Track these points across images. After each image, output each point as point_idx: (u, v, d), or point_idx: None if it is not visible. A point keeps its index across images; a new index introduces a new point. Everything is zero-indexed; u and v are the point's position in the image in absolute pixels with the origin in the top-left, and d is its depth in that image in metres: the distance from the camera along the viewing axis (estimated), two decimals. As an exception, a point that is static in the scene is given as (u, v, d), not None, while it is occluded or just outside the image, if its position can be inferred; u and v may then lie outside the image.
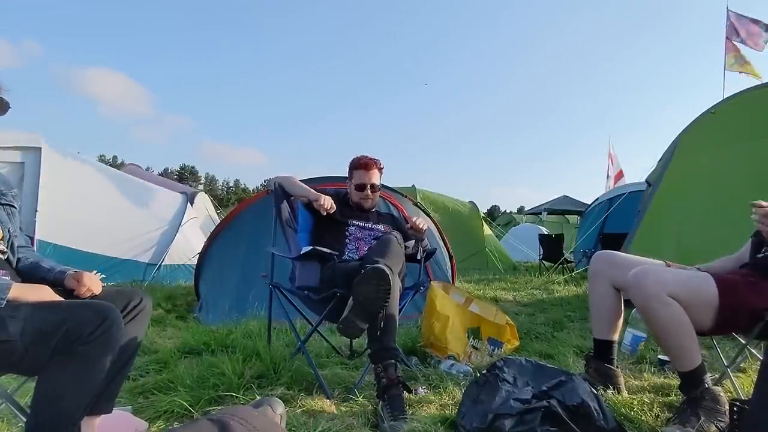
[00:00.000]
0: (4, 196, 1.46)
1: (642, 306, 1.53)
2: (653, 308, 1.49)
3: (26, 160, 4.90)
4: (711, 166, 3.92)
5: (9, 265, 1.39)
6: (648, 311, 1.51)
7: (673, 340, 1.51)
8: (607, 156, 13.16)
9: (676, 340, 1.51)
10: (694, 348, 1.51)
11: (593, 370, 1.91)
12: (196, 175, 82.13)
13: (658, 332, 1.54)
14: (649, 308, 1.50)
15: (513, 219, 21.03)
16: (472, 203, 10.04)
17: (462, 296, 2.81)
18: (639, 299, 1.53)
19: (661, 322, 1.49)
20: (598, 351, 1.93)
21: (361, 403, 1.82)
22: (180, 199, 6.51)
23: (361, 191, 2.43)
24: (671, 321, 1.48)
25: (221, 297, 3.72)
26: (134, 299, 1.40)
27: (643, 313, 1.55)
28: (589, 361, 1.95)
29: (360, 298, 1.72)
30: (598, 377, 1.87)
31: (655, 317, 1.50)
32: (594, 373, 1.90)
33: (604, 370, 1.89)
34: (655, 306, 1.48)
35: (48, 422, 1.12)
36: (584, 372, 1.95)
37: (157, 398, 1.79)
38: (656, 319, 1.50)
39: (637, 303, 1.55)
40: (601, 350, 1.92)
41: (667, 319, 1.48)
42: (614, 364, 1.91)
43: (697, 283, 1.52)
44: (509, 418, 1.38)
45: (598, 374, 1.89)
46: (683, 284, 1.50)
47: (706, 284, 1.52)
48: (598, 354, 1.93)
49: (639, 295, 1.53)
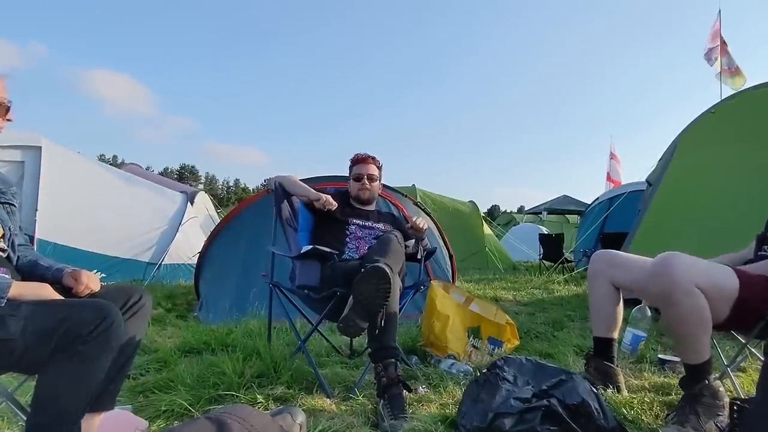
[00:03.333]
0: (4, 195, 1.45)
1: (665, 293, 1.45)
2: (677, 297, 1.43)
3: (26, 158, 4.90)
4: (711, 166, 3.93)
5: (9, 263, 1.39)
6: (671, 299, 1.45)
7: (691, 332, 1.47)
8: (608, 156, 13.15)
9: (693, 331, 1.47)
10: (708, 342, 1.49)
11: (593, 369, 1.91)
12: (196, 174, 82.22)
13: (676, 321, 1.48)
14: (673, 296, 1.44)
15: (513, 218, 21.01)
16: (472, 203, 10.04)
17: (462, 296, 2.81)
18: (663, 286, 1.45)
19: (684, 313, 1.44)
20: (598, 349, 1.93)
21: (361, 402, 1.82)
22: (180, 199, 6.51)
23: (358, 182, 2.46)
24: (695, 313, 1.43)
25: (221, 296, 3.73)
26: (134, 296, 1.40)
27: (663, 299, 1.48)
28: (589, 360, 1.95)
29: (360, 297, 1.72)
30: (598, 376, 1.87)
31: (679, 309, 1.44)
32: (594, 371, 1.90)
33: (604, 368, 1.88)
34: (680, 295, 1.42)
35: (48, 421, 1.12)
36: (584, 371, 1.95)
37: (158, 397, 1.79)
38: (679, 309, 1.45)
39: (660, 289, 1.47)
40: (601, 348, 1.92)
41: (690, 310, 1.43)
42: (614, 362, 1.91)
43: (720, 275, 1.49)
44: (509, 417, 1.38)
45: (598, 372, 1.89)
46: (711, 276, 1.46)
47: (728, 277, 1.48)
48: (598, 352, 1.93)
49: (664, 282, 1.45)
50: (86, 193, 5.39)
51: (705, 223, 3.65)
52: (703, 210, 3.77)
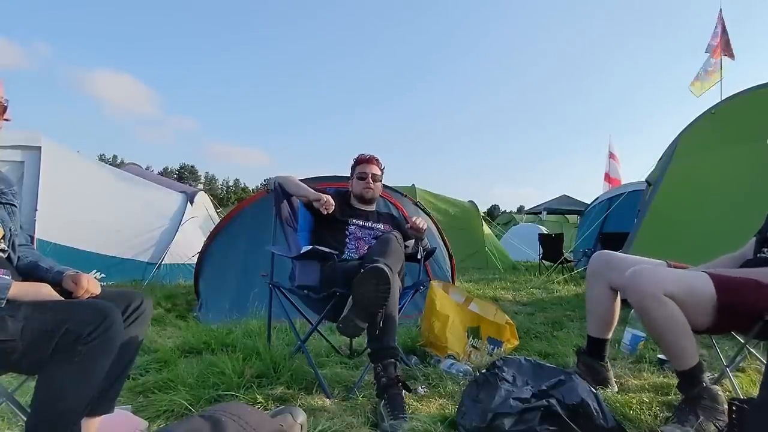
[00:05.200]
0: (5, 195, 1.45)
1: (638, 305, 1.54)
2: (649, 307, 1.50)
3: (26, 158, 4.89)
4: (711, 166, 3.93)
5: (10, 263, 1.39)
6: (644, 310, 1.52)
7: (670, 339, 1.52)
8: (607, 156, 13.12)
9: (672, 338, 1.51)
10: (691, 347, 1.51)
11: (582, 365, 1.96)
12: (195, 174, 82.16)
13: (654, 331, 1.54)
14: (645, 307, 1.51)
15: (513, 218, 20.99)
16: (471, 202, 10.04)
17: (462, 295, 2.81)
18: (635, 298, 1.54)
19: (657, 321, 1.50)
20: (590, 347, 1.97)
21: (360, 402, 1.83)
22: (180, 198, 6.51)
23: (362, 180, 2.46)
24: (667, 320, 1.48)
25: (221, 296, 3.73)
26: (134, 301, 1.39)
27: (639, 312, 1.56)
28: (580, 356, 1.99)
29: (360, 298, 1.73)
30: (587, 372, 1.91)
31: (651, 316, 1.51)
32: (583, 367, 1.94)
33: (592, 364, 1.93)
34: (651, 305, 1.49)
35: (48, 421, 1.12)
36: (575, 366, 1.99)
37: (157, 397, 1.79)
38: (652, 319, 1.51)
39: (633, 302, 1.55)
40: (593, 347, 1.97)
41: (663, 318, 1.49)
42: (605, 360, 1.96)
43: (693, 282, 1.53)
44: (509, 417, 1.38)
45: (586, 368, 1.93)
46: (679, 283, 1.51)
47: (702, 283, 1.52)
48: (590, 350, 1.97)
49: (635, 294, 1.54)
50: (86, 193, 5.38)
51: (706, 223, 3.65)
52: (703, 211, 3.77)
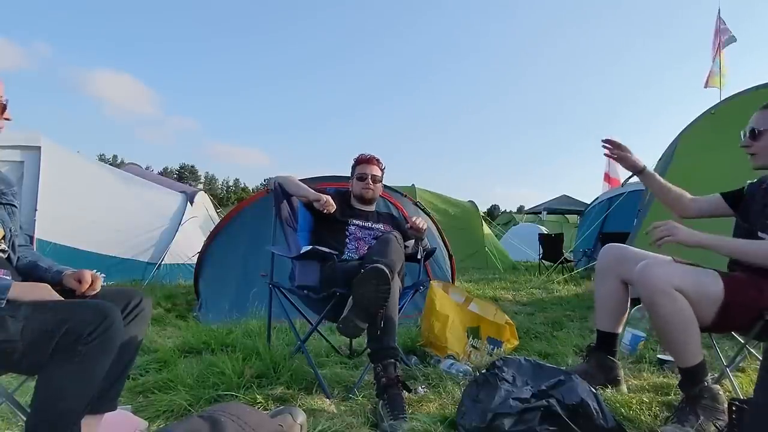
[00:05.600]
0: (5, 195, 1.45)
1: (648, 299, 1.52)
2: (659, 302, 1.48)
3: (26, 158, 4.89)
4: (711, 167, 3.91)
5: (10, 263, 1.39)
6: (653, 305, 1.50)
7: (677, 335, 1.50)
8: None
9: (679, 335, 1.50)
10: (697, 344, 1.50)
11: (594, 362, 1.91)
12: (195, 174, 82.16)
13: (662, 326, 1.52)
14: (654, 302, 1.49)
15: (513, 218, 21.00)
16: (471, 202, 10.04)
17: (461, 296, 2.81)
18: (645, 292, 1.52)
19: (666, 316, 1.48)
20: (601, 342, 1.93)
21: (360, 402, 1.83)
22: (180, 198, 6.51)
23: (362, 181, 2.46)
24: (676, 315, 1.47)
25: (221, 296, 3.73)
26: (134, 300, 1.39)
27: (648, 306, 1.54)
28: (591, 353, 1.94)
29: (360, 298, 1.73)
30: (599, 370, 1.87)
31: (660, 311, 1.49)
32: (594, 363, 1.90)
33: (606, 361, 1.89)
34: (661, 300, 1.47)
35: (48, 421, 1.12)
36: (583, 363, 1.95)
37: (157, 397, 1.79)
38: (662, 314, 1.49)
39: (643, 296, 1.53)
40: (604, 342, 1.92)
41: (672, 314, 1.47)
42: (616, 356, 1.92)
43: (704, 279, 1.51)
44: (508, 417, 1.38)
45: (598, 365, 1.88)
46: (690, 279, 1.49)
47: (713, 280, 1.51)
48: (601, 345, 1.93)
49: (645, 289, 1.51)
50: (86, 193, 5.38)
51: (705, 223, 3.64)
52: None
